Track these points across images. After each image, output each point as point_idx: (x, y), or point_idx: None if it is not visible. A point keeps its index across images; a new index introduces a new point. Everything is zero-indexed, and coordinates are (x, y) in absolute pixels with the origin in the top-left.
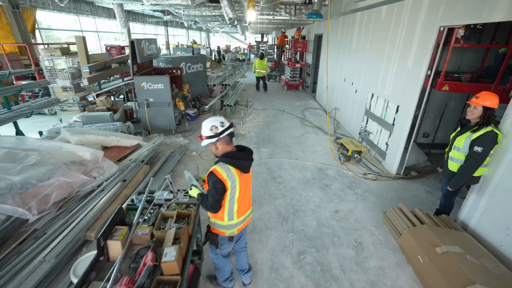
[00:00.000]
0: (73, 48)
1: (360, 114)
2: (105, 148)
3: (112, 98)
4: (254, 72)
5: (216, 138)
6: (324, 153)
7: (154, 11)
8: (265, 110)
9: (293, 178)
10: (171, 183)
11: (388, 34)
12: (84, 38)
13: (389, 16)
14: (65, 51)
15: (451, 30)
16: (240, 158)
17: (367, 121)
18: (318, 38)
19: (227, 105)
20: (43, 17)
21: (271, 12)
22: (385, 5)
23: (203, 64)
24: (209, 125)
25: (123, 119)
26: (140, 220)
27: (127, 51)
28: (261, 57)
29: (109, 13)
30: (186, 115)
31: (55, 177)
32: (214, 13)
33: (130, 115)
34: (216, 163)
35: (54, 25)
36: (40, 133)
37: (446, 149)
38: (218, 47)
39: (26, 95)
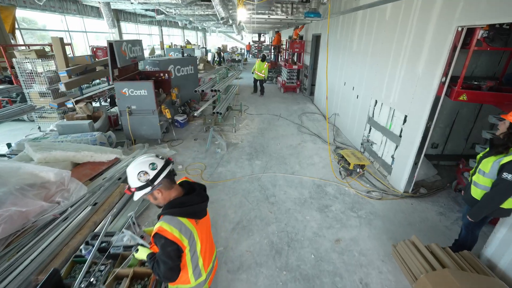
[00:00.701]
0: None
1: (362, 121)
2: (76, 165)
3: (95, 103)
4: (253, 73)
5: (150, 188)
6: (322, 166)
7: (146, 10)
8: (260, 115)
9: (288, 198)
10: (134, 223)
11: (393, 35)
12: (61, 39)
13: (395, 15)
14: (41, 54)
15: (470, 31)
16: (192, 202)
17: (370, 130)
18: (316, 38)
19: (217, 112)
20: (38, 17)
21: (266, 11)
22: (390, 2)
23: (194, 66)
24: (135, 171)
25: (106, 127)
26: (83, 286)
27: None
28: (263, 59)
29: (98, 13)
30: (174, 122)
31: (3, 207)
32: (207, 12)
33: (115, 122)
34: (159, 217)
35: (49, 26)
36: (9, 145)
37: (471, 171)
38: (219, 49)
39: (3, 101)
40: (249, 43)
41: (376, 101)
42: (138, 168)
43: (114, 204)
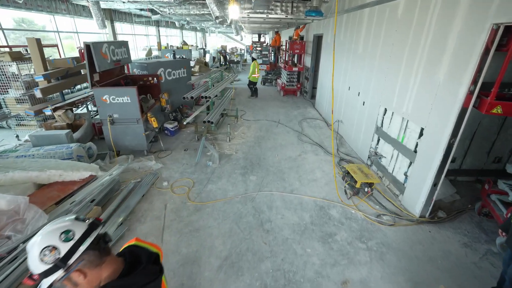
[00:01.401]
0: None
1: (369, 131)
2: (41, 187)
3: (79, 110)
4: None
5: (62, 270)
6: (325, 183)
7: (141, 10)
8: (258, 122)
9: (286, 223)
10: None
11: (407, 35)
12: (38, 40)
13: (410, 13)
14: (17, 56)
15: (508, 29)
16: (138, 283)
17: (378, 141)
18: (318, 39)
19: (209, 121)
20: (38, 18)
21: (265, 10)
22: None
23: (187, 69)
24: (38, 248)
25: (90, 136)
26: None
27: None
28: (252, 60)
29: (90, 12)
30: (164, 130)
31: None
32: (203, 12)
33: (99, 130)
34: None
35: (48, 27)
36: None
37: None
38: (224, 51)
39: None
40: (252, 43)
41: (385, 110)
42: (41, 243)
43: None
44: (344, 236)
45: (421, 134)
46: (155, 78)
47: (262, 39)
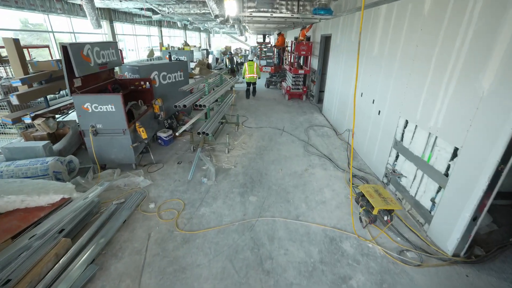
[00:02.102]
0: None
1: (386, 145)
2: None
3: (63, 117)
4: (244, 78)
5: None
6: (336, 205)
7: (141, 9)
8: (260, 129)
9: (290, 261)
10: None
11: (437, 34)
12: (16, 40)
13: (440, 8)
14: None
15: None
16: None
17: (396, 158)
18: (326, 40)
19: (203, 133)
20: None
21: (269, 9)
22: None
23: (184, 72)
24: None
25: (75, 146)
26: None
27: None
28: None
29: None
30: (157, 139)
31: None
32: (203, 11)
33: None
34: None
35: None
36: None
37: None
38: (231, 53)
39: None
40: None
41: (406, 122)
42: None
43: (42, 277)
44: (361, 281)
45: (454, 155)
46: (147, 83)
47: (267, 40)
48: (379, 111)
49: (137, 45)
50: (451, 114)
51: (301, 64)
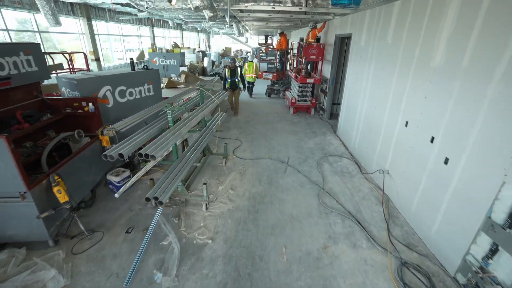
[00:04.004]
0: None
1: (465, 221)
2: None
3: None
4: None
5: None
6: None
7: (122, 5)
8: (257, 162)
9: None
10: None
11: None
12: None
13: None
14: None
15: None
16: None
17: (493, 251)
18: (341, 41)
19: (156, 200)
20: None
21: (270, 3)
22: None
23: (155, 84)
24: None
25: None
26: None
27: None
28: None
29: (68, 9)
30: (108, 184)
31: None
32: (190, 5)
33: None
34: None
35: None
36: None
37: None
38: (233, 59)
39: None
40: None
41: None
42: None
43: None
44: None
45: None
46: (90, 104)
47: (269, 41)
48: (447, 159)
49: (123, 46)
50: None
51: (310, 71)
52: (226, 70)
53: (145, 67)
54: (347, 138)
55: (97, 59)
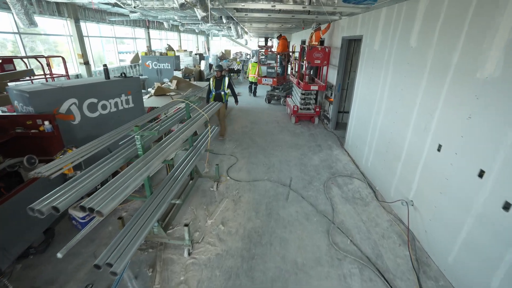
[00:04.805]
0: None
1: None
2: None
3: None
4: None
5: None
6: None
7: (113, 5)
8: (254, 185)
9: None
10: None
11: None
12: None
13: None
14: None
15: None
16: None
17: None
18: (348, 44)
19: (111, 268)
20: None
21: (270, 2)
22: None
23: (135, 94)
24: None
25: None
26: None
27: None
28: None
29: (53, 9)
30: (71, 219)
31: None
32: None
33: None
34: None
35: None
36: None
37: None
38: (218, 68)
39: None
40: (271, 48)
41: None
42: None
43: None
44: None
45: None
46: (46, 122)
47: (269, 43)
48: (508, 204)
49: (116, 49)
50: None
51: (314, 76)
52: (211, 80)
53: (122, 74)
54: (357, 154)
55: (86, 63)
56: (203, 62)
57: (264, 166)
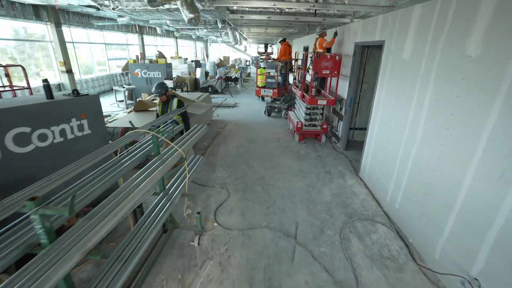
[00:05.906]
0: None
1: None
2: None
3: None
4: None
5: None
6: None
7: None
8: (249, 236)
9: None
10: None
11: None
12: None
13: None
14: None
15: None
16: None
17: None
18: (362, 50)
19: None
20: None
21: (270, 1)
22: None
23: (93, 117)
24: None
25: None
26: None
27: None
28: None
29: (29, 13)
30: None
31: None
32: (168, 6)
33: None
34: None
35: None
36: None
37: None
38: (160, 89)
39: None
40: (271, 55)
41: None
42: None
43: None
44: None
45: None
46: None
47: (269, 50)
48: None
49: (106, 55)
50: None
51: (320, 88)
52: (157, 103)
53: (74, 92)
54: (379, 188)
55: (69, 71)
56: (198, 70)
57: (262, 204)
